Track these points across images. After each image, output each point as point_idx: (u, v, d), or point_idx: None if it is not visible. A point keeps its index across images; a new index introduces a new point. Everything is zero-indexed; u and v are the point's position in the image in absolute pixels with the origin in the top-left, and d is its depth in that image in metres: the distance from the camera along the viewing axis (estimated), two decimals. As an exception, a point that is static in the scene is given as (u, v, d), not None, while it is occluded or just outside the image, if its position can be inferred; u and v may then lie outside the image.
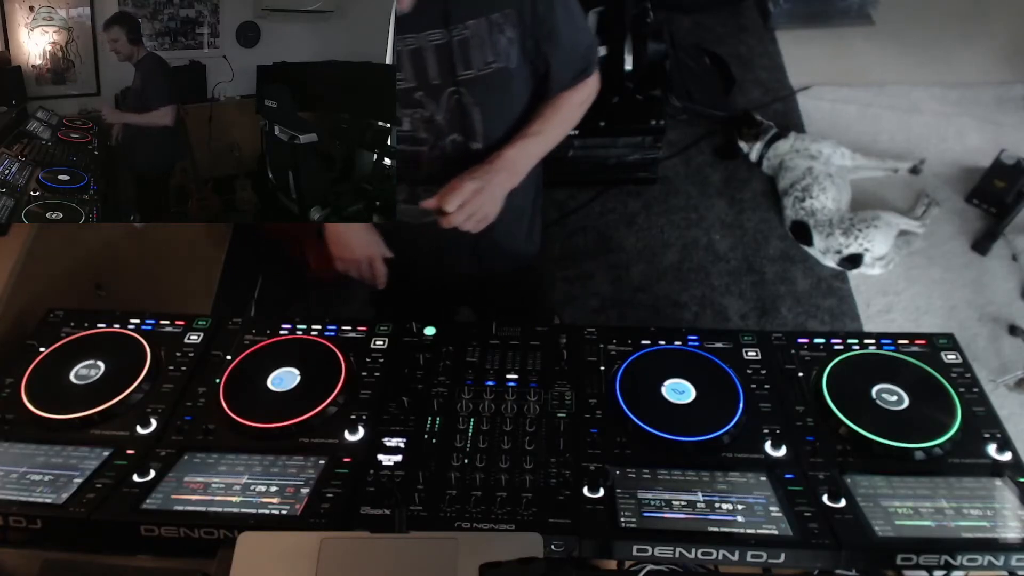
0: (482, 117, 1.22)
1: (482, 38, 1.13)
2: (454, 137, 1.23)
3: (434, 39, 1.11)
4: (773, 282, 2.71)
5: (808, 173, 2.80)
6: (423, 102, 1.18)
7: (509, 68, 1.18)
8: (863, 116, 3.27)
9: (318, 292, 2.63)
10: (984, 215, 2.82)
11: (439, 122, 1.20)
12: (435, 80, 1.15)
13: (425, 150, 1.24)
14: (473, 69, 1.15)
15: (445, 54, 1.12)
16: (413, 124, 1.21)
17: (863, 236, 2.61)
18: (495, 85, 1.19)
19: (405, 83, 1.15)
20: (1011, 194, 2.69)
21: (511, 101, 1.26)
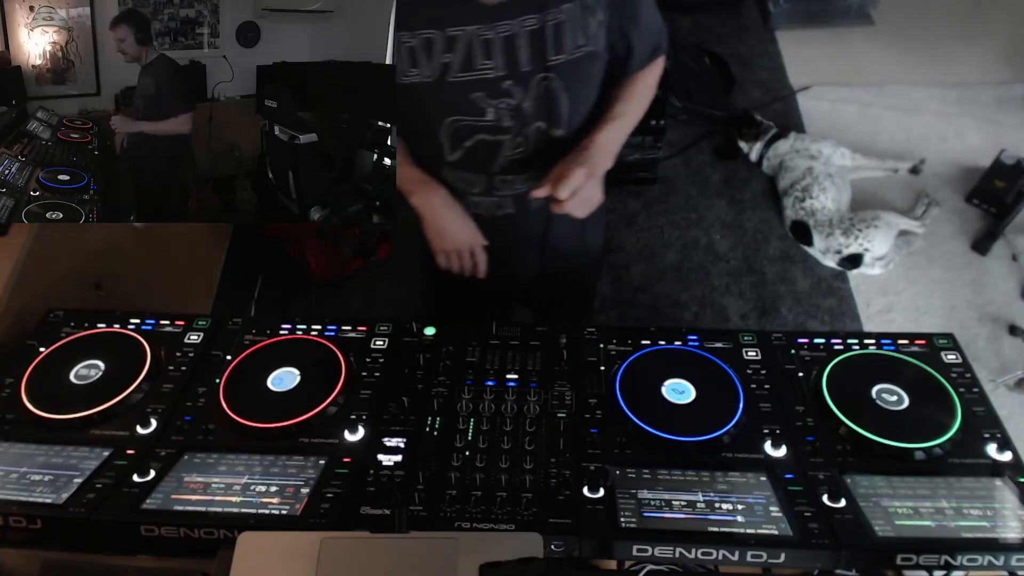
0: (569, 103, 1.21)
1: (575, 21, 1.12)
2: (538, 125, 1.22)
3: (528, 24, 1.09)
4: (773, 282, 2.71)
5: (808, 173, 2.80)
6: (511, 91, 1.16)
7: (597, 51, 1.17)
8: (863, 116, 3.28)
9: (318, 292, 2.64)
10: (984, 215, 2.82)
11: (525, 110, 1.19)
12: (526, 67, 1.13)
13: (507, 139, 1.22)
14: (564, 53, 1.14)
15: (538, 39, 1.11)
16: (498, 114, 1.18)
17: (863, 236, 2.61)
18: (583, 69, 1.19)
19: (495, 72, 1.13)
20: (1011, 194, 2.69)
21: (593, 85, 1.26)
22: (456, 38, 1.09)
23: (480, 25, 1.09)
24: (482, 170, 1.28)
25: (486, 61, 1.12)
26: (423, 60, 1.12)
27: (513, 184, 1.31)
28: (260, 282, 2.53)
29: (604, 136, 1.24)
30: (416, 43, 1.10)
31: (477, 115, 1.18)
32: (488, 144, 1.23)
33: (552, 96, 1.18)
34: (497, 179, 1.29)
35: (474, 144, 1.23)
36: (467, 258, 1.35)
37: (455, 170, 1.29)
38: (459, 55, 1.11)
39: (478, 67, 1.12)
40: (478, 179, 1.30)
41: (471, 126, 1.20)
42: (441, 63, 1.12)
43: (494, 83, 1.15)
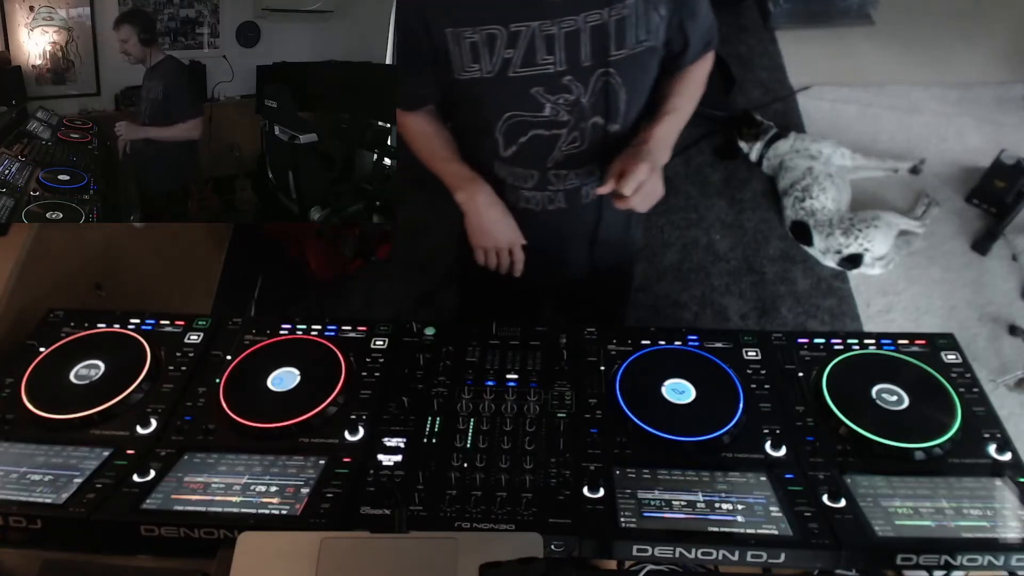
0: (627, 97, 1.21)
1: (638, 16, 1.12)
2: (595, 120, 1.21)
3: (592, 19, 1.09)
4: (773, 282, 2.71)
5: (808, 173, 2.80)
6: (570, 86, 1.16)
7: (656, 46, 1.18)
8: (863, 116, 3.27)
9: (318, 292, 2.64)
10: (984, 215, 2.82)
11: (583, 105, 1.19)
12: (587, 62, 1.13)
13: (563, 133, 1.22)
14: (625, 48, 1.13)
15: (600, 34, 1.11)
16: (555, 109, 1.18)
17: (863, 236, 2.61)
18: (642, 64, 1.19)
19: (555, 67, 1.13)
20: (1011, 194, 2.69)
21: (649, 79, 1.26)
22: (519, 33, 1.09)
23: (544, 20, 1.08)
24: (536, 165, 1.28)
25: (547, 56, 1.12)
26: (484, 56, 1.11)
27: (567, 179, 1.30)
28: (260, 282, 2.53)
29: (662, 130, 1.25)
30: (479, 38, 1.10)
31: (535, 110, 1.18)
32: (544, 139, 1.23)
33: (611, 91, 1.18)
34: (551, 173, 1.29)
35: (529, 140, 1.23)
36: (505, 256, 1.34)
37: (509, 165, 1.29)
38: (521, 50, 1.11)
39: (539, 62, 1.12)
40: (532, 174, 1.30)
41: (528, 121, 1.20)
42: (502, 59, 1.11)
43: (554, 78, 1.14)
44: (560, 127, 1.21)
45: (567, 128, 1.21)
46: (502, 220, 1.31)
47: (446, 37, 1.10)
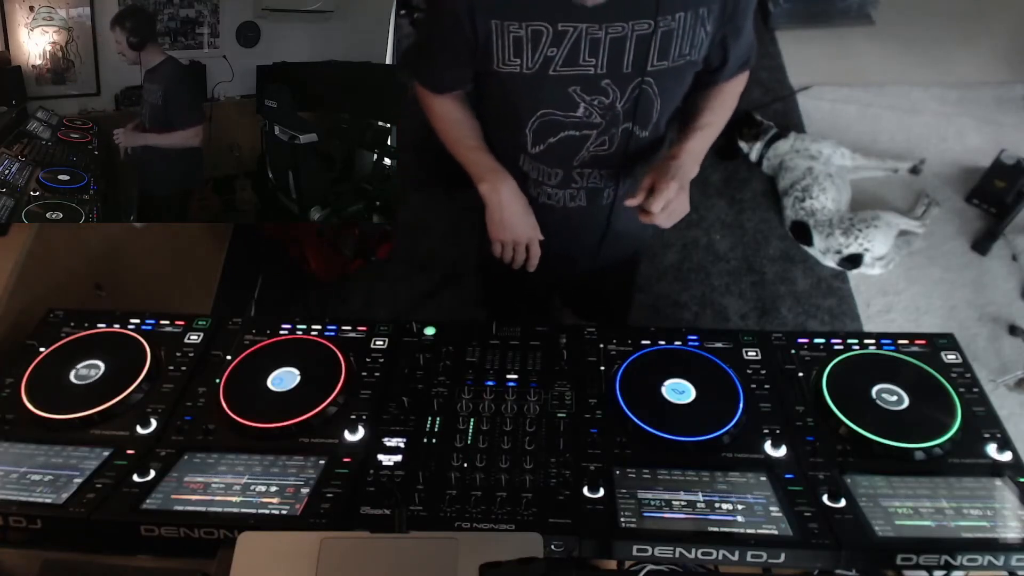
0: (660, 107, 1.21)
1: (685, 30, 1.11)
2: (626, 126, 1.22)
3: (640, 29, 1.08)
4: (773, 282, 2.70)
5: (808, 173, 2.80)
6: (607, 89, 1.16)
7: (696, 60, 1.17)
8: (863, 116, 3.27)
9: (318, 292, 2.64)
10: (984, 215, 2.82)
11: (618, 110, 1.19)
12: (627, 69, 1.13)
13: (593, 135, 1.22)
14: (667, 60, 1.13)
15: (645, 44, 1.10)
16: (588, 110, 1.18)
17: (863, 236, 2.61)
18: (680, 76, 1.19)
19: (595, 70, 1.12)
20: (1011, 194, 2.69)
21: (682, 92, 1.26)
22: (565, 33, 1.08)
23: (592, 24, 1.08)
24: (562, 164, 1.29)
25: (590, 59, 1.11)
26: (527, 51, 1.10)
27: (590, 178, 1.31)
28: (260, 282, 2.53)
29: (694, 144, 1.25)
30: (524, 34, 1.09)
31: (569, 110, 1.18)
32: (574, 139, 1.23)
33: (645, 99, 1.18)
34: (575, 172, 1.30)
35: (559, 140, 1.23)
36: (521, 251, 1.35)
37: (535, 161, 1.30)
38: (565, 50, 1.10)
39: (581, 63, 1.11)
40: (556, 172, 1.30)
41: (560, 121, 1.20)
42: (545, 56, 1.11)
43: (593, 80, 1.14)
44: (591, 128, 1.21)
45: (597, 130, 1.22)
46: (523, 215, 1.31)
47: (491, 28, 1.09)
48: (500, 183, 1.28)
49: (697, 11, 1.10)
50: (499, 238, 1.33)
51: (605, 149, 1.25)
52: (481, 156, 1.30)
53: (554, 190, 1.34)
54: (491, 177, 1.28)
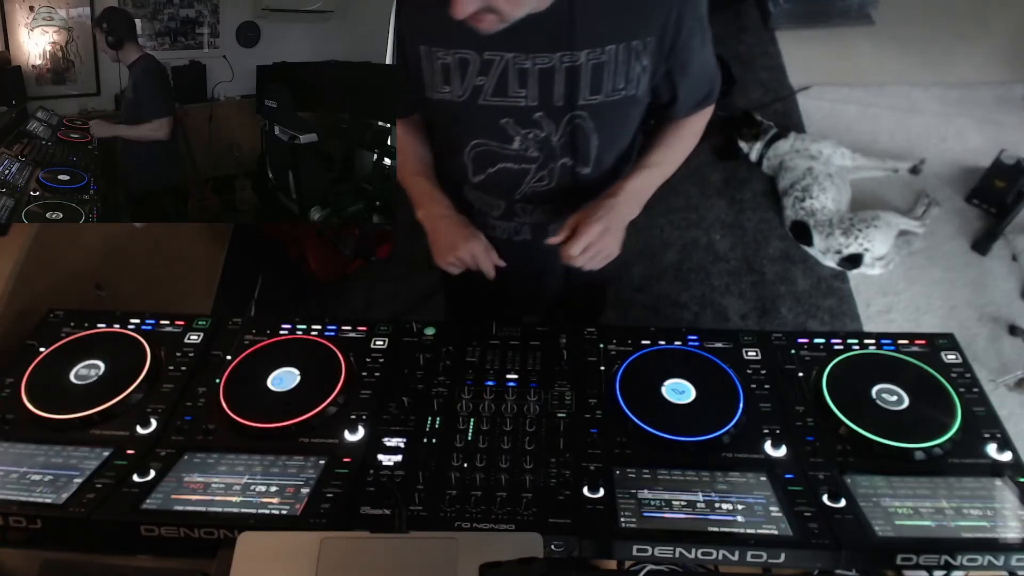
0: (598, 143, 1.18)
1: (617, 64, 1.07)
2: (565, 161, 1.19)
3: (567, 61, 1.05)
4: (773, 282, 2.71)
5: (808, 173, 2.80)
6: (541, 122, 1.13)
7: (636, 95, 1.13)
8: (863, 116, 3.27)
9: (318, 292, 2.64)
10: (984, 215, 2.82)
11: (553, 144, 1.16)
12: (559, 102, 1.10)
13: (532, 169, 1.20)
14: (601, 94, 1.10)
15: (575, 77, 1.07)
16: (524, 143, 1.16)
17: (863, 236, 2.61)
18: (618, 111, 1.15)
19: (526, 102, 1.10)
20: (1011, 194, 2.69)
21: (627, 128, 1.23)
22: (492, 62, 1.06)
23: (519, 53, 1.05)
24: (504, 196, 1.27)
25: (519, 90, 1.09)
26: (456, 79, 1.09)
27: (533, 213, 1.29)
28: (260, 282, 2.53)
29: (636, 183, 1.21)
30: (451, 61, 1.07)
31: (504, 141, 1.16)
32: (512, 172, 1.20)
33: (582, 134, 1.15)
34: (518, 206, 1.28)
35: (498, 171, 1.21)
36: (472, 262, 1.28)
37: (477, 191, 1.28)
38: (493, 79, 1.08)
39: (511, 94, 1.09)
40: (499, 203, 1.28)
41: (496, 152, 1.18)
42: (474, 84, 1.09)
43: (525, 112, 1.11)
44: (529, 162, 1.19)
45: (536, 164, 1.19)
46: (458, 229, 1.26)
47: (419, 54, 1.08)
48: (434, 207, 1.25)
49: (629, 44, 1.06)
50: (442, 261, 1.27)
51: (545, 184, 1.22)
52: (419, 182, 1.27)
53: (497, 222, 1.31)
54: (425, 202, 1.26)
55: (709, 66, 1.21)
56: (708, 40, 1.16)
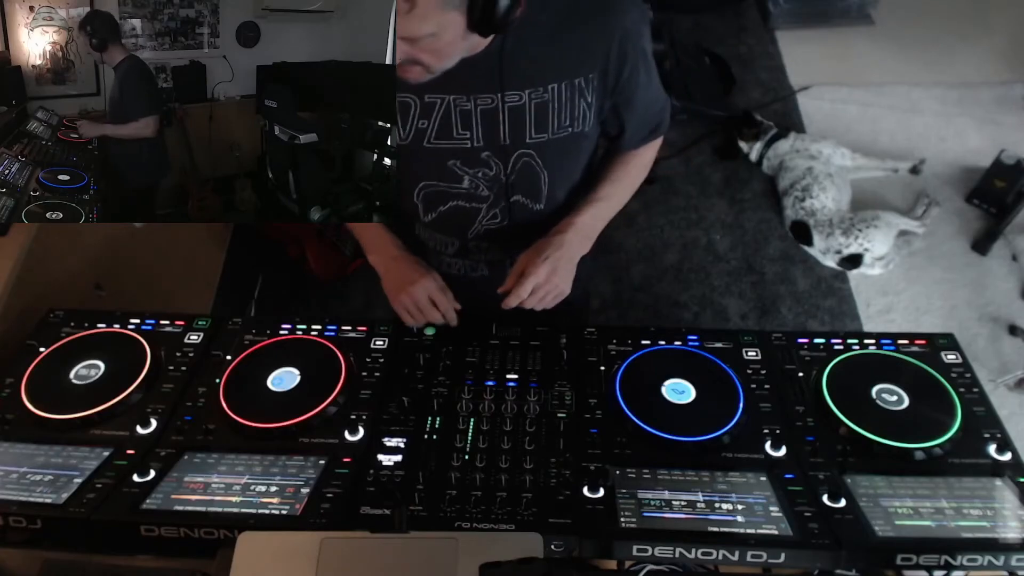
0: (549, 180, 1.17)
1: (561, 102, 1.07)
2: (517, 198, 1.18)
3: (511, 100, 1.05)
4: (773, 282, 2.70)
5: (808, 173, 2.80)
6: (489, 162, 1.12)
7: (583, 131, 1.12)
8: (863, 116, 3.27)
9: (318, 292, 2.64)
10: (984, 215, 2.82)
11: (504, 182, 1.15)
12: (505, 141, 1.09)
13: (484, 207, 1.19)
14: (547, 133, 1.09)
15: (520, 116, 1.07)
16: (474, 183, 1.15)
17: (863, 236, 2.61)
18: (566, 149, 1.14)
19: (471, 143, 1.09)
20: (1011, 194, 2.69)
21: (577, 163, 1.22)
22: (433, 105, 1.05)
23: (459, 95, 1.04)
24: (457, 234, 1.25)
25: (463, 131, 1.08)
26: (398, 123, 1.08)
27: (489, 251, 1.27)
28: (260, 282, 2.53)
29: (584, 218, 1.19)
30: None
31: (453, 181, 1.15)
32: (464, 211, 1.19)
33: (532, 172, 1.14)
34: (472, 244, 1.26)
35: (449, 209, 1.19)
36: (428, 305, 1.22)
37: (430, 229, 1.26)
38: (435, 122, 1.07)
39: (455, 136, 1.08)
40: (452, 241, 1.27)
41: (446, 192, 1.16)
42: (417, 128, 1.07)
43: (472, 153, 1.10)
44: (480, 201, 1.18)
45: (487, 203, 1.18)
46: (410, 268, 1.23)
47: None
48: (385, 249, 1.24)
49: (572, 82, 1.05)
50: (397, 303, 1.23)
51: (498, 222, 1.21)
52: (368, 225, 1.27)
53: (453, 259, 1.30)
54: (377, 245, 1.25)
55: (658, 99, 1.20)
56: (653, 73, 1.15)
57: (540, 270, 1.12)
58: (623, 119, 1.16)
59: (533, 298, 1.14)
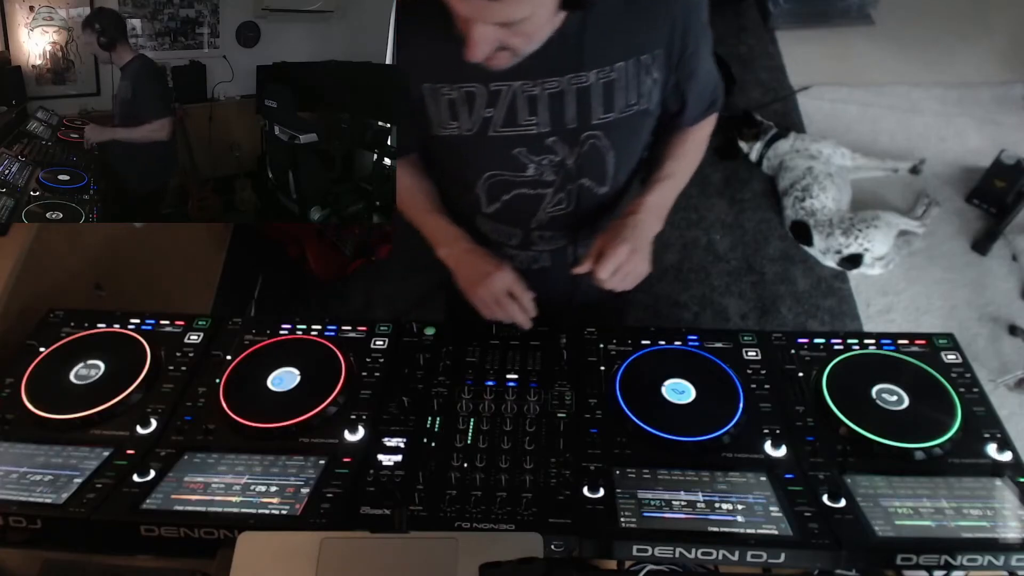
0: (615, 160, 1.16)
1: (628, 80, 1.06)
2: (583, 182, 1.17)
3: (578, 82, 1.04)
4: (773, 282, 2.71)
5: (808, 173, 2.80)
6: (555, 147, 1.11)
7: (648, 109, 1.12)
8: (863, 116, 3.27)
9: (318, 292, 2.64)
10: (984, 215, 2.82)
11: (570, 166, 1.14)
12: (571, 124, 1.08)
13: (549, 194, 1.18)
14: (614, 112, 1.08)
15: (586, 97, 1.05)
16: (539, 170, 1.13)
17: (863, 236, 2.61)
18: (632, 127, 1.14)
19: (538, 128, 1.08)
20: (1011, 194, 2.69)
21: (641, 141, 1.21)
22: (499, 92, 1.04)
23: (526, 81, 1.03)
24: (520, 224, 1.24)
25: (530, 117, 1.07)
26: (464, 114, 1.07)
27: (552, 239, 1.26)
28: (260, 282, 2.53)
29: (654, 198, 1.19)
30: (457, 96, 1.05)
31: (518, 170, 1.14)
32: (528, 197, 1.18)
33: (598, 154, 1.13)
34: (535, 234, 1.25)
35: (513, 197, 1.18)
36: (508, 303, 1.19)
37: (492, 221, 1.25)
38: (502, 110, 1.06)
39: (521, 123, 1.07)
40: (515, 232, 1.26)
41: (511, 180, 1.16)
42: (483, 117, 1.07)
43: (537, 139, 1.09)
44: (545, 187, 1.16)
45: (553, 188, 1.17)
46: (484, 261, 1.20)
47: (423, 92, 1.06)
48: (456, 244, 1.21)
49: (639, 59, 1.05)
50: (478, 297, 1.20)
51: (563, 208, 1.20)
52: (434, 219, 1.23)
53: (515, 251, 1.29)
54: (446, 240, 1.22)
55: (713, 72, 1.19)
56: (711, 47, 1.14)
57: (620, 251, 1.11)
58: (685, 94, 1.16)
59: (615, 279, 1.13)
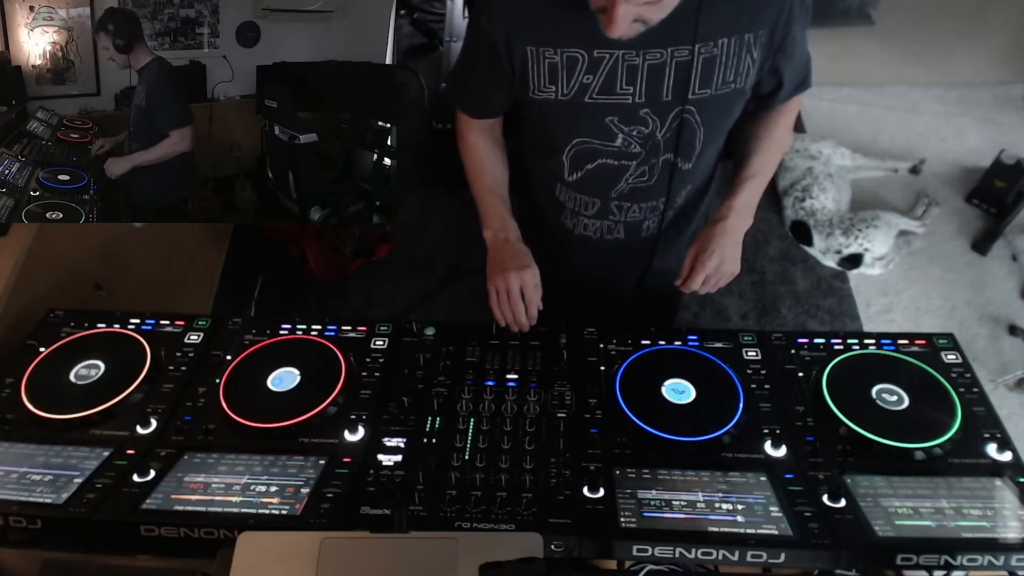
0: (704, 138, 1.16)
1: (728, 57, 1.05)
2: (667, 156, 1.16)
3: (679, 55, 1.04)
4: (773, 282, 2.70)
5: (808, 173, 2.80)
6: (647, 119, 1.11)
7: (743, 89, 1.11)
8: (863, 116, 3.27)
9: (318, 292, 2.63)
10: (984, 215, 2.82)
11: (658, 140, 1.14)
12: (667, 97, 1.08)
13: (632, 165, 1.18)
14: (710, 89, 1.08)
15: (685, 71, 1.05)
16: (627, 140, 1.14)
17: (863, 236, 2.61)
18: (726, 105, 1.13)
19: (633, 99, 1.08)
20: (1011, 194, 2.69)
21: (730, 122, 1.20)
22: (601, 60, 1.05)
23: (629, 50, 1.03)
24: (600, 194, 1.25)
25: (627, 87, 1.07)
26: (562, 78, 1.07)
27: (629, 211, 1.27)
28: (260, 282, 2.53)
29: (742, 200, 1.22)
30: (559, 60, 1.05)
31: (607, 139, 1.14)
32: (611, 168, 1.18)
33: (688, 129, 1.13)
34: (613, 204, 1.26)
35: (596, 168, 1.19)
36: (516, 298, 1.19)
37: (572, 190, 1.26)
38: (601, 77, 1.06)
39: (618, 92, 1.07)
40: (594, 201, 1.26)
41: (598, 149, 1.16)
42: (580, 83, 1.07)
43: (631, 109, 1.10)
44: (630, 159, 1.17)
45: (637, 160, 1.17)
46: (516, 255, 1.21)
47: (526, 54, 1.07)
48: (501, 230, 1.23)
49: (743, 37, 1.05)
50: (492, 283, 1.20)
51: (645, 180, 1.20)
52: (494, 201, 1.25)
53: (591, 220, 1.29)
54: (496, 224, 1.23)
55: (807, 50, 1.19)
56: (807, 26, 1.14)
57: (710, 264, 1.18)
58: (782, 73, 1.15)
59: (706, 287, 1.21)
